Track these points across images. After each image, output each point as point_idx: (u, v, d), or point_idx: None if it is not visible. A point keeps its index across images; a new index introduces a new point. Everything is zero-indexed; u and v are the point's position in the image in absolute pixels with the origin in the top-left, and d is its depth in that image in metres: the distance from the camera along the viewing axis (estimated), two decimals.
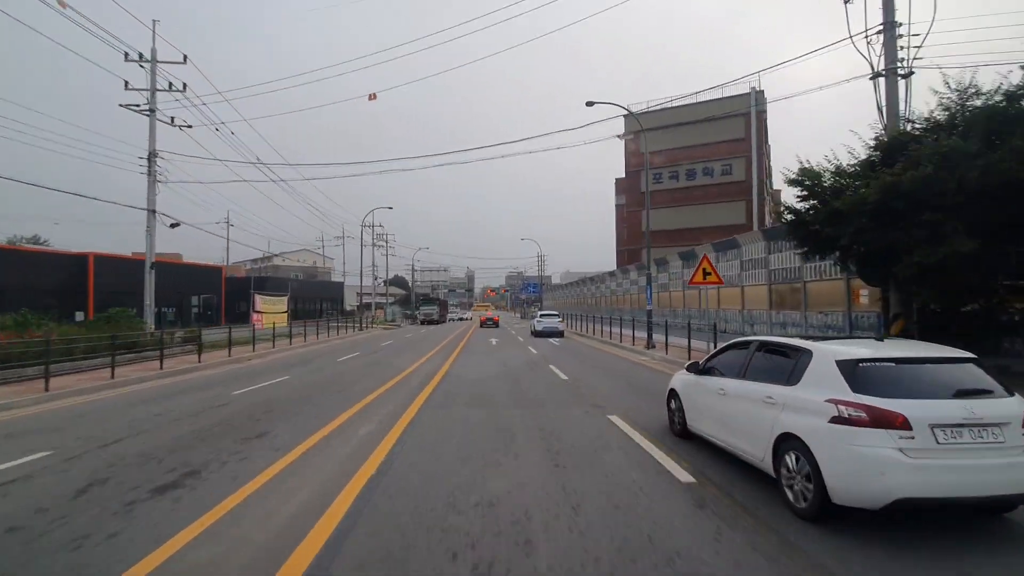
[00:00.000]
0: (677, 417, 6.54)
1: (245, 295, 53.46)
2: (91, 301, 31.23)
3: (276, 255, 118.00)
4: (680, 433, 6.46)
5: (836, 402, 3.91)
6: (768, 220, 36.86)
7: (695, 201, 42.39)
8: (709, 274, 15.05)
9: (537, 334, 27.66)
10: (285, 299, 30.93)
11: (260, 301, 27.58)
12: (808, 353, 4.48)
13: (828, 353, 4.29)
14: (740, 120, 40.62)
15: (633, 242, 45.30)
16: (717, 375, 5.72)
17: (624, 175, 47.76)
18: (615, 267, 53.28)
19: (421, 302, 48.46)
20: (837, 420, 3.83)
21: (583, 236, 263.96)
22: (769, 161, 45.74)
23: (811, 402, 4.11)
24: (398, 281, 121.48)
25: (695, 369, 6.26)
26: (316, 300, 63.11)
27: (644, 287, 23.87)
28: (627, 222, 47.37)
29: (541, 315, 29.94)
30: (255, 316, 26.85)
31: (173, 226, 21.52)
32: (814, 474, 3.90)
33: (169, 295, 40.75)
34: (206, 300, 50.93)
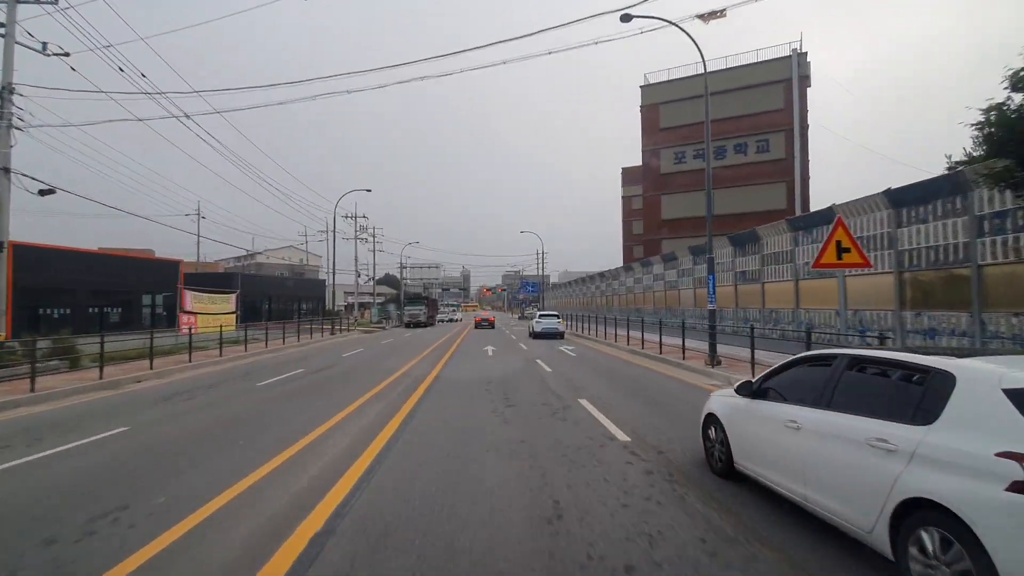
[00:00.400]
0: (719, 451, 5.00)
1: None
2: None
3: (260, 252, 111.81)
4: (723, 472, 4.91)
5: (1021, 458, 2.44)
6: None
7: (725, 183, 36.49)
8: (847, 251, 9.03)
9: (536, 335, 25.89)
10: (231, 297, 24.81)
11: (191, 299, 21.53)
12: (947, 376, 3.01)
13: (985, 376, 2.87)
14: (778, 88, 34.80)
15: (652, 232, 39.26)
16: (777, 399, 4.28)
17: (641, 156, 41.55)
18: (621, 264, 47.62)
19: (405, 301, 42.38)
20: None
21: (582, 236, 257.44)
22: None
23: (965, 454, 2.69)
24: (390, 280, 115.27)
25: (746, 390, 4.69)
26: (293, 299, 56.93)
27: (674, 282, 18.37)
28: (644, 210, 41.30)
29: (540, 315, 28.02)
30: (185, 318, 20.78)
31: (43, 193, 15.45)
32: (980, 570, 2.45)
33: (113, 293, 34.72)
34: (166, 299, 44.78)
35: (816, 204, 31.97)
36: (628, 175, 69.15)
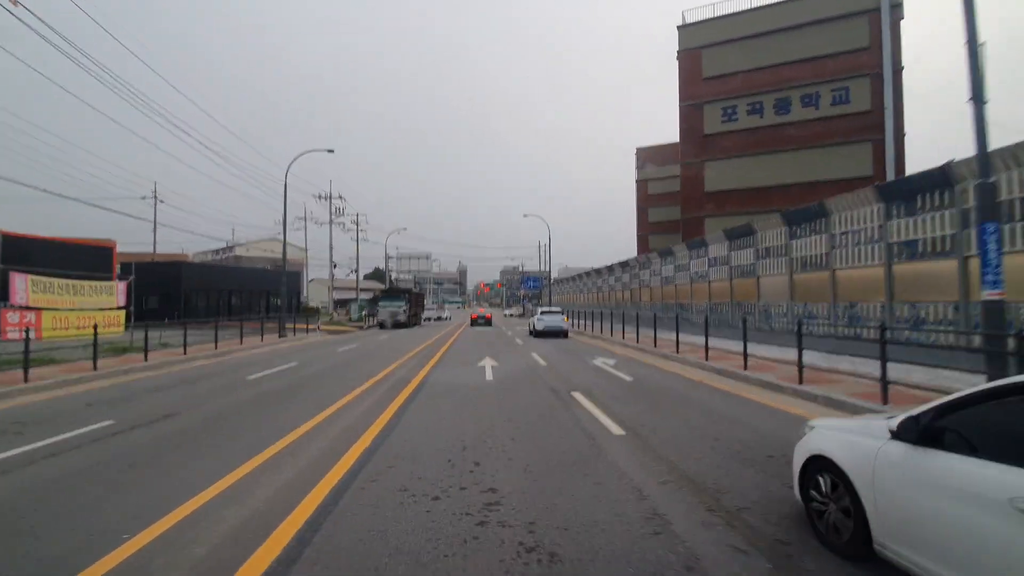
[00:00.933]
0: (835, 517, 3.23)
1: (167, 284, 39.57)
2: None
3: (240, 244, 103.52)
4: (848, 550, 3.12)
5: None
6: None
7: (788, 145, 28.76)
8: None
9: (538, 334, 24.06)
10: (115, 286, 17.09)
11: (27, 287, 13.88)
12: None
13: None
14: (861, 21, 27.08)
15: (693, 208, 31.41)
16: (976, 453, 2.53)
17: (679, 116, 33.34)
18: (635, 256, 40.07)
19: (380, 295, 34.26)
20: None
21: (582, 234, 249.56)
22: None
23: None
24: (380, 275, 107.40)
25: (910, 431, 2.85)
26: (257, 294, 48.99)
27: (702, 273, 10.87)
28: (683, 183, 33.31)
29: (542, 312, 25.77)
30: (9, 315, 13.27)
31: None
32: None
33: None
34: None
35: (914, 168, 24.40)
36: (645, 156, 61.43)
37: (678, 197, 61.85)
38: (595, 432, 6.27)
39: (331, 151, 25.49)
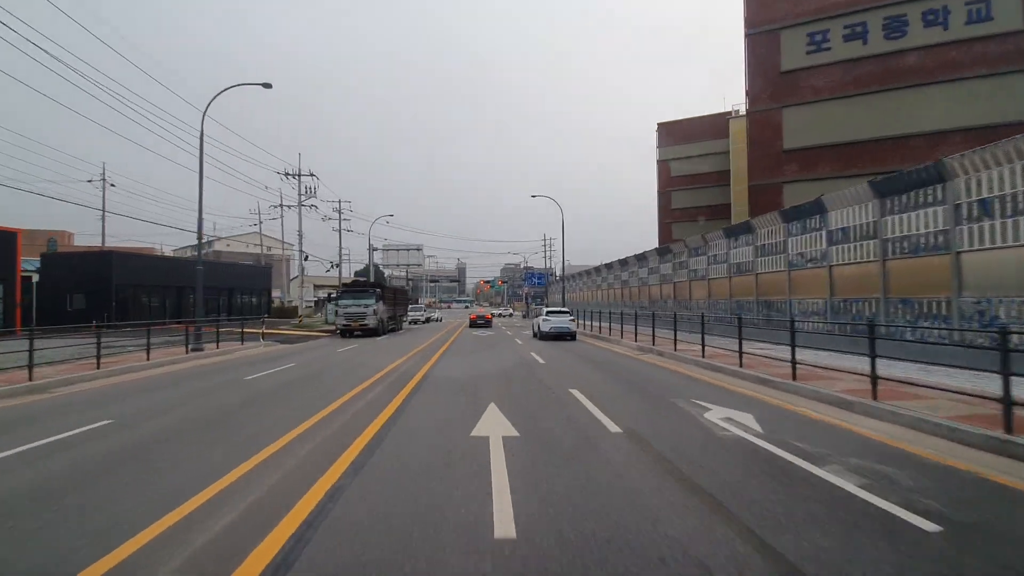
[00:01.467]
0: None
1: (95, 281, 31.99)
2: None
3: (218, 239, 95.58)
4: None
5: None
6: None
7: (904, 81, 21.09)
8: None
9: (544, 336, 21.47)
10: None
11: None
12: None
13: None
14: None
15: (767, 171, 23.48)
16: None
17: (745, 49, 25.06)
18: (656, 247, 32.82)
19: (341, 292, 25.13)
20: None
21: (583, 233, 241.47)
22: None
23: None
24: (367, 272, 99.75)
25: None
26: (222, 292, 41.43)
27: (748, 263, 5.15)
28: (753, 137, 25.23)
29: (548, 312, 22.85)
30: None
31: None
32: None
33: None
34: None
35: None
36: (667, 133, 53.76)
37: (708, 178, 54.27)
38: None
39: (268, 86, 17.90)
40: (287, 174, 36.16)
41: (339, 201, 51.40)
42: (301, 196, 36.81)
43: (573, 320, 22.60)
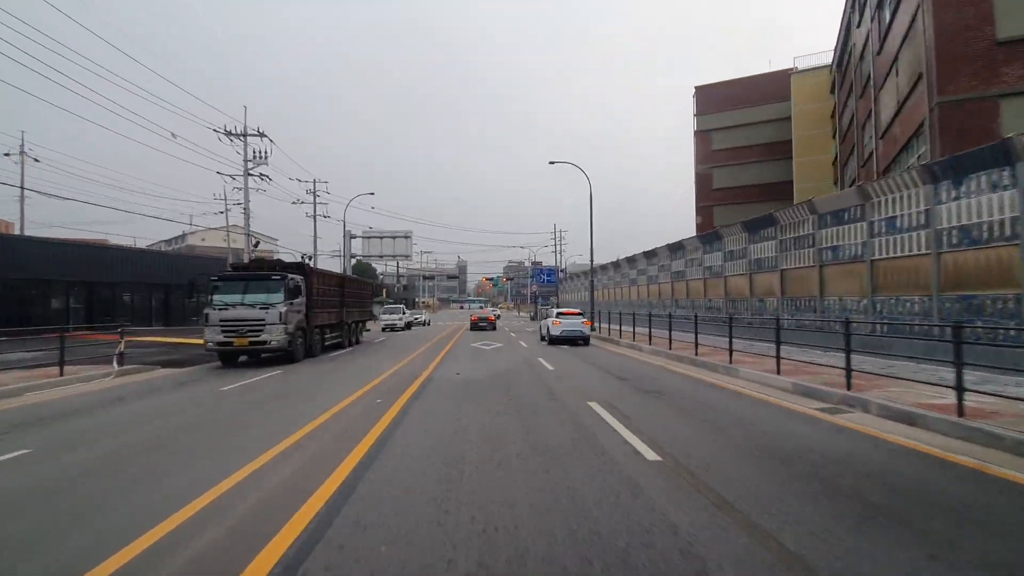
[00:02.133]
0: None
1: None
2: None
3: (192, 231, 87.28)
4: None
5: None
6: None
7: None
8: None
9: (554, 340, 19.91)
10: None
11: None
12: None
13: None
14: None
15: (967, 80, 14.01)
16: None
17: None
18: (693, 236, 24.47)
19: (217, 282, 13.80)
20: None
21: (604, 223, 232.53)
22: None
23: None
24: (360, 268, 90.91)
25: None
26: (156, 288, 32.74)
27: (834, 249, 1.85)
28: (949, 13, 15.85)
29: (558, 313, 21.11)
30: None
31: None
32: None
33: None
34: None
35: None
36: (708, 97, 44.88)
37: (758, 152, 45.40)
38: None
39: None
40: (230, 133, 27.45)
41: (314, 181, 42.83)
42: (248, 166, 28.11)
43: (586, 323, 20.96)
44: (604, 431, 6.10)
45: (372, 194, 36.65)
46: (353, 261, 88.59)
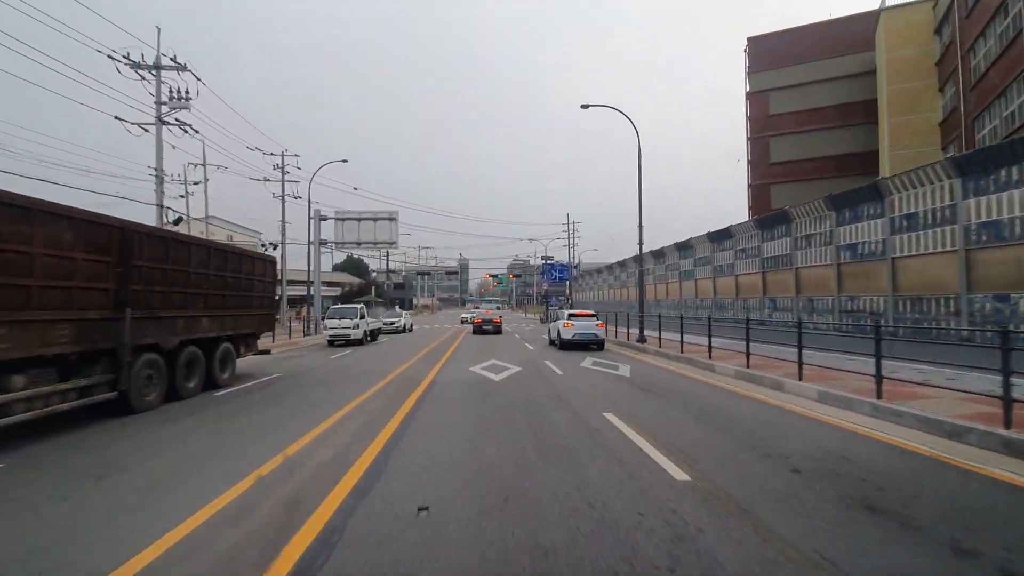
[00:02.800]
0: None
1: None
2: None
3: (166, 224, 78.65)
4: None
5: None
6: None
7: None
8: None
9: (565, 344, 18.04)
10: None
11: None
12: None
13: None
14: None
15: None
16: None
17: None
18: (744, 221, 18.49)
19: None
20: None
21: (595, 229, 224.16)
22: None
23: None
24: (352, 265, 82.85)
25: None
26: None
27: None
28: None
29: (570, 315, 19.48)
30: None
31: None
32: None
33: None
34: None
35: None
36: (764, 51, 36.70)
37: (832, 114, 37.20)
38: None
39: None
40: (136, 64, 19.55)
41: (282, 154, 35.08)
42: (160, 105, 20.21)
43: (600, 325, 18.88)
44: None
45: (345, 161, 28.37)
46: (343, 257, 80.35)
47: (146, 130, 21.01)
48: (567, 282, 60.45)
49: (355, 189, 36.80)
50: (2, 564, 3.06)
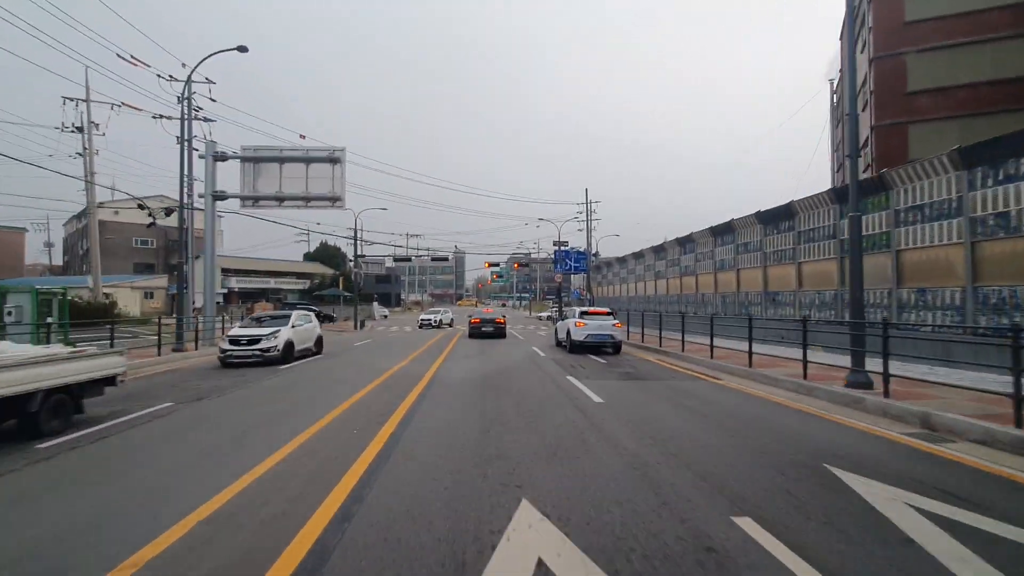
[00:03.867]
0: None
1: None
2: None
3: (102, 204, 67.72)
4: None
5: None
6: None
7: None
8: None
9: (575, 347, 16.67)
10: None
11: None
12: None
13: None
14: None
15: None
16: None
17: None
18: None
19: None
20: None
21: (603, 224, 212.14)
22: None
23: None
24: (326, 253, 71.27)
25: None
26: None
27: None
28: None
29: (582, 312, 18.11)
30: None
31: None
32: None
33: None
34: None
35: None
36: None
37: (1004, 18, 24.92)
38: None
39: None
40: None
41: (188, 79, 23.87)
42: None
43: (617, 325, 17.53)
44: None
45: (245, 49, 15.99)
46: (317, 244, 68.73)
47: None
48: (584, 274, 49.40)
49: (302, 137, 24.96)
50: None
